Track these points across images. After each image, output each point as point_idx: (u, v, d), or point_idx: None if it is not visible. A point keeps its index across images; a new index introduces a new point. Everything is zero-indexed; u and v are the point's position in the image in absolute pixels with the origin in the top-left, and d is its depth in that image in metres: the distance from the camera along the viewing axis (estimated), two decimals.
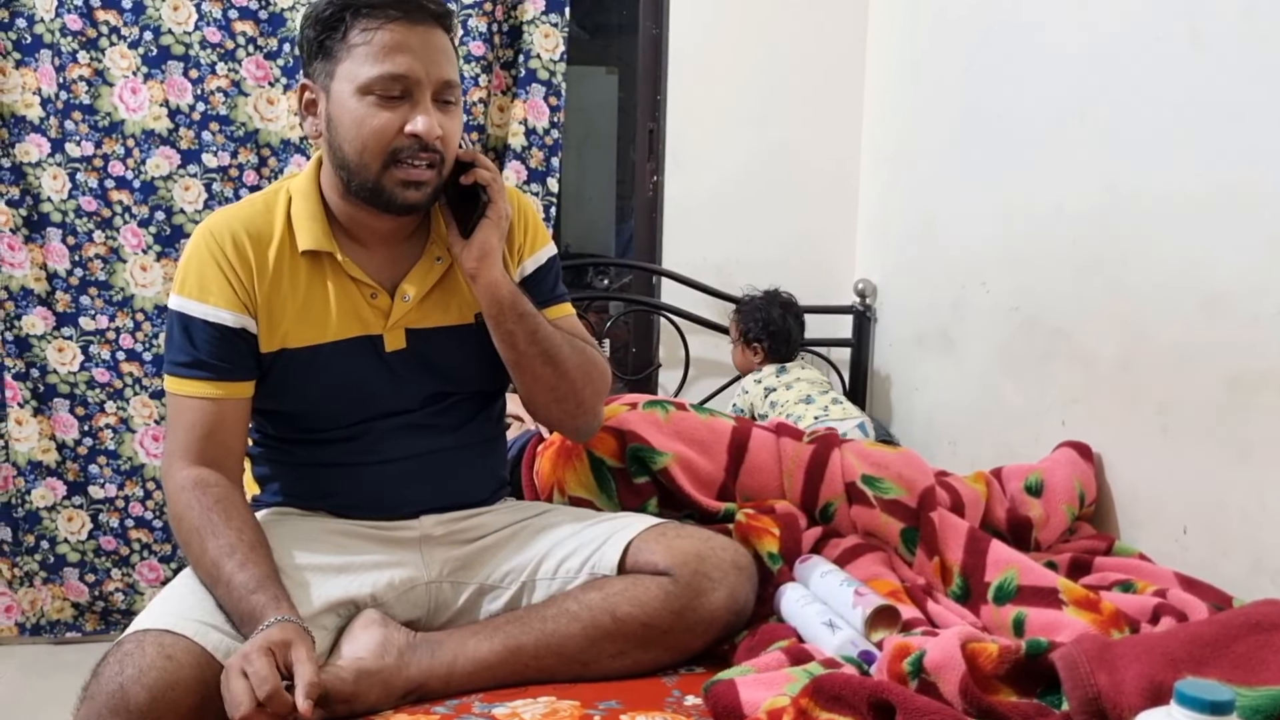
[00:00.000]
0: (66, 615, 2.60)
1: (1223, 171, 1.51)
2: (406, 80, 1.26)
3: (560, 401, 1.43)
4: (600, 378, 1.46)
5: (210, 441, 1.30)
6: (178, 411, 1.32)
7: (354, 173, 1.30)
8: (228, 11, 2.44)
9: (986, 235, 2.19)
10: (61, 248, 2.45)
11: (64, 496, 2.54)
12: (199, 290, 1.32)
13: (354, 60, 1.26)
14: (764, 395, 2.48)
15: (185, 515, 1.25)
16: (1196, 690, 0.75)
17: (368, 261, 1.37)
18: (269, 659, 1.06)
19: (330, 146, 1.31)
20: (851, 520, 1.62)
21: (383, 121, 1.26)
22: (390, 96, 1.26)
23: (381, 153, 1.27)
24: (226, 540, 1.21)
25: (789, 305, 2.61)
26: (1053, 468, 1.77)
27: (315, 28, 1.29)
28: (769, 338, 2.57)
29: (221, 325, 1.31)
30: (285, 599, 1.18)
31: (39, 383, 2.49)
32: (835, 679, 1.07)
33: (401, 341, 1.38)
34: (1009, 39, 2.11)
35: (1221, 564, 1.52)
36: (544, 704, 1.17)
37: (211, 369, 1.31)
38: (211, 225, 1.35)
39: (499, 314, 1.35)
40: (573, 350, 1.41)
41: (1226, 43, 1.51)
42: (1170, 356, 1.62)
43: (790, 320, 2.58)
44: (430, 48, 1.28)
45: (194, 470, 1.28)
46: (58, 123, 2.41)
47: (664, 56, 2.78)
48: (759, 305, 2.61)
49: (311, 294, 1.35)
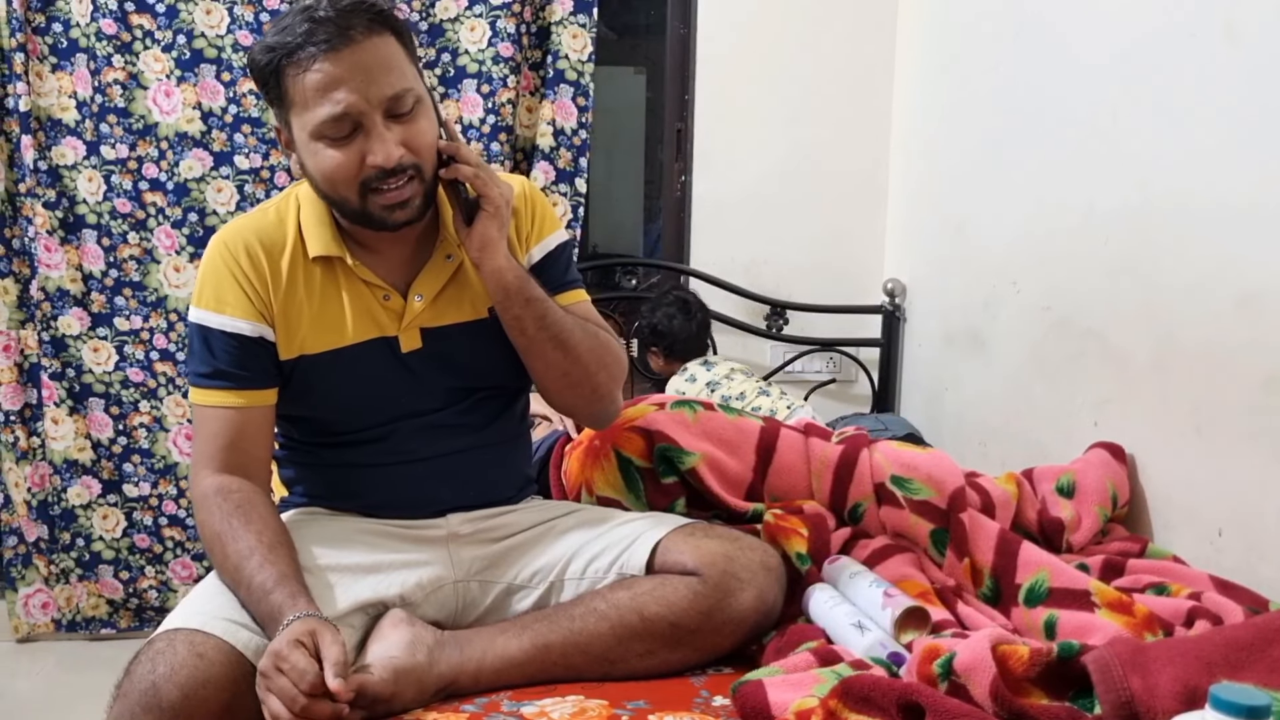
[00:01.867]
0: (101, 612, 2.64)
1: (1257, 170, 1.49)
2: (349, 116, 1.22)
3: (574, 387, 1.41)
4: (615, 362, 1.44)
5: (234, 449, 1.32)
6: (202, 421, 1.33)
7: (339, 206, 1.31)
8: (260, 15, 2.46)
9: (1017, 235, 2.17)
10: (97, 249, 2.49)
11: (99, 495, 2.57)
12: (216, 301, 1.33)
13: (297, 107, 1.24)
14: (709, 392, 2.46)
15: (208, 522, 1.27)
16: (1232, 694, 0.74)
17: (379, 264, 1.38)
18: (303, 651, 1.07)
19: (311, 183, 1.33)
20: (880, 521, 1.61)
21: (342, 162, 1.24)
22: (341, 136, 1.24)
23: (352, 187, 1.26)
24: (245, 543, 1.22)
25: (681, 304, 2.59)
26: (1085, 469, 1.75)
27: (256, 78, 1.29)
28: (657, 339, 2.58)
29: (240, 335, 1.32)
30: (304, 594, 1.18)
31: (75, 382, 2.52)
32: (864, 680, 1.07)
33: (417, 341, 1.38)
34: (1039, 37, 2.09)
35: (1257, 567, 1.50)
36: (572, 703, 1.18)
37: (233, 378, 1.32)
38: (225, 236, 1.36)
39: (505, 300, 1.34)
40: (585, 334, 1.39)
41: (1262, 38, 1.49)
42: (1204, 357, 1.60)
43: (680, 320, 2.56)
44: (364, 69, 1.22)
45: (218, 478, 1.30)
46: (93, 126, 2.44)
47: (692, 56, 2.78)
48: (646, 309, 2.61)
49: (326, 299, 1.36)
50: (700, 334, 2.62)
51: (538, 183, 2.54)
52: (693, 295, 2.64)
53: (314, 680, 1.04)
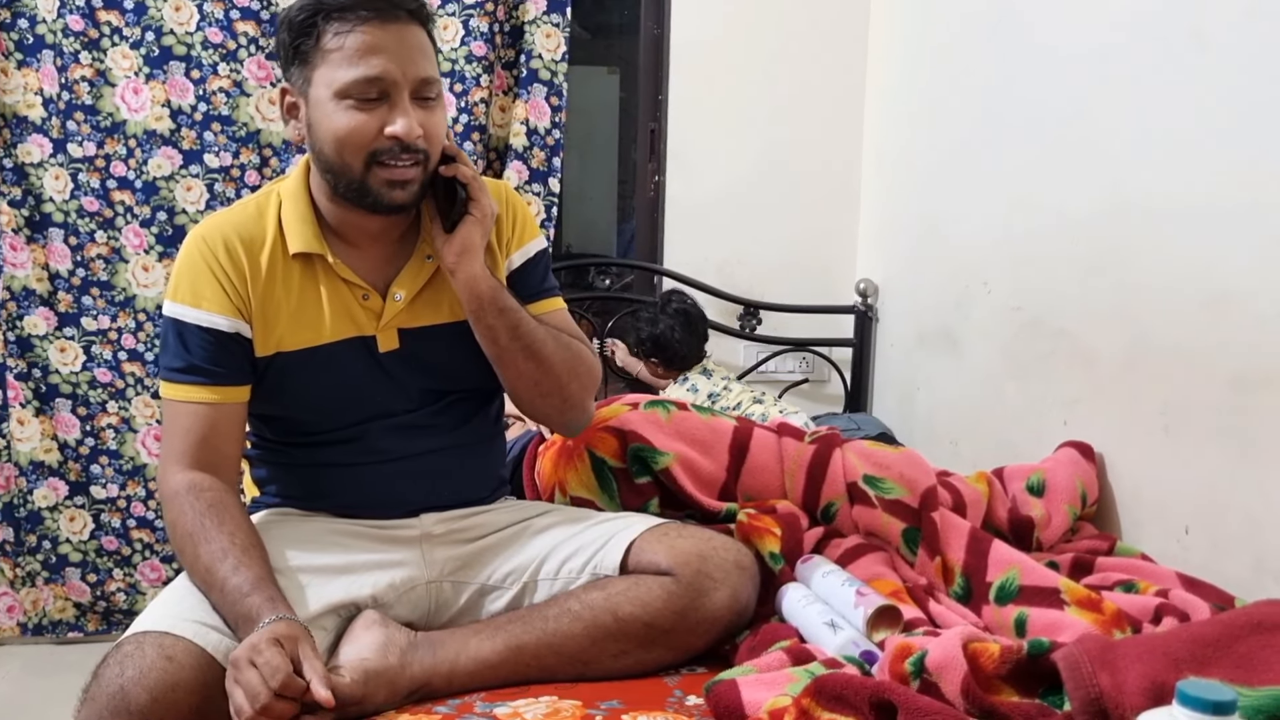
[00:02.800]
0: (69, 615, 2.60)
1: (1227, 172, 1.51)
2: (382, 82, 1.25)
3: (545, 396, 1.42)
4: (586, 373, 1.45)
5: (206, 446, 1.30)
6: (173, 417, 1.32)
7: (338, 175, 1.30)
8: (229, 12, 2.44)
9: (989, 235, 2.19)
10: (63, 248, 2.45)
11: (66, 496, 2.54)
12: (192, 296, 1.32)
13: (329, 65, 1.25)
14: (710, 403, 2.44)
15: (179, 521, 1.25)
16: (1199, 690, 0.75)
17: (359, 263, 1.37)
18: (279, 649, 1.06)
19: (313, 150, 1.32)
20: (853, 520, 1.62)
21: (361, 124, 1.25)
22: (367, 99, 1.25)
23: (362, 154, 1.27)
24: (219, 545, 1.21)
25: (683, 316, 2.55)
26: (1055, 468, 1.77)
27: (289, 32, 1.28)
28: (658, 351, 2.55)
29: (216, 330, 1.31)
30: (281, 599, 1.17)
31: (41, 383, 2.49)
32: (837, 679, 1.07)
33: (394, 342, 1.38)
34: (1012, 40, 2.11)
35: (1224, 564, 1.52)
36: (546, 704, 1.17)
37: (206, 374, 1.30)
38: (204, 231, 1.35)
39: (479, 309, 1.34)
40: (557, 345, 1.40)
41: (1230, 44, 1.51)
42: (1173, 357, 1.62)
43: (679, 331, 2.53)
44: (405, 46, 1.27)
45: (188, 475, 1.28)
46: (60, 123, 2.41)
47: (665, 56, 2.78)
48: (646, 318, 2.57)
49: (305, 297, 1.35)
50: (701, 344, 2.60)
51: (510, 182, 2.53)
52: (693, 304, 2.60)
53: (283, 679, 1.03)
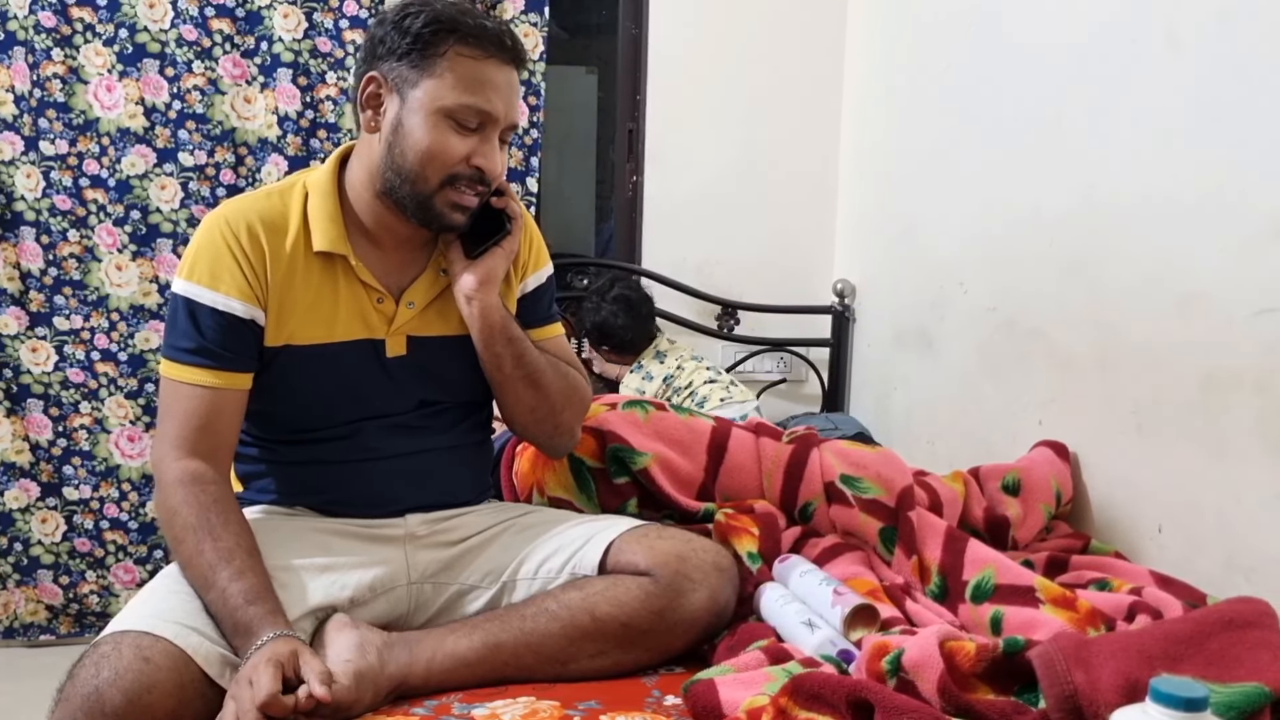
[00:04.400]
0: (40, 618, 2.58)
1: (1199, 173, 1.53)
2: (486, 115, 1.31)
3: (539, 422, 1.47)
4: (580, 402, 1.51)
5: (206, 432, 1.29)
6: (175, 398, 1.30)
7: (407, 181, 1.31)
8: (204, 9, 2.42)
9: (965, 236, 2.20)
10: (35, 247, 2.43)
11: (38, 498, 2.51)
12: (210, 277, 1.30)
13: (444, 81, 1.29)
14: (664, 387, 2.44)
15: (180, 511, 1.24)
16: (1171, 687, 0.76)
17: (377, 266, 1.38)
18: (275, 670, 1.06)
19: (389, 149, 1.32)
20: (830, 520, 1.62)
21: (453, 146, 1.30)
22: (466, 126, 1.30)
23: (442, 174, 1.31)
24: (225, 545, 1.20)
25: (624, 302, 2.50)
26: (1030, 467, 1.78)
27: (406, 34, 1.29)
28: (605, 338, 2.53)
29: (231, 314, 1.30)
30: (281, 613, 1.17)
31: (12, 383, 2.46)
32: (814, 678, 1.07)
33: (403, 348, 1.39)
34: (987, 41, 2.12)
35: (1196, 562, 1.53)
36: (523, 704, 1.17)
37: (215, 357, 1.29)
38: (226, 213, 1.34)
39: (489, 337, 1.38)
40: (556, 375, 1.45)
41: (1203, 45, 1.52)
42: (1146, 356, 1.63)
43: (622, 317, 2.49)
44: (511, 89, 1.34)
45: (189, 463, 1.27)
46: (31, 120, 2.38)
47: (644, 56, 2.78)
48: (589, 307, 2.54)
49: (321, 293, 1.35)
50: (648, 325, 2.57)
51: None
52: (635, 287, 2.57)
53: (266, 698, 1.03)
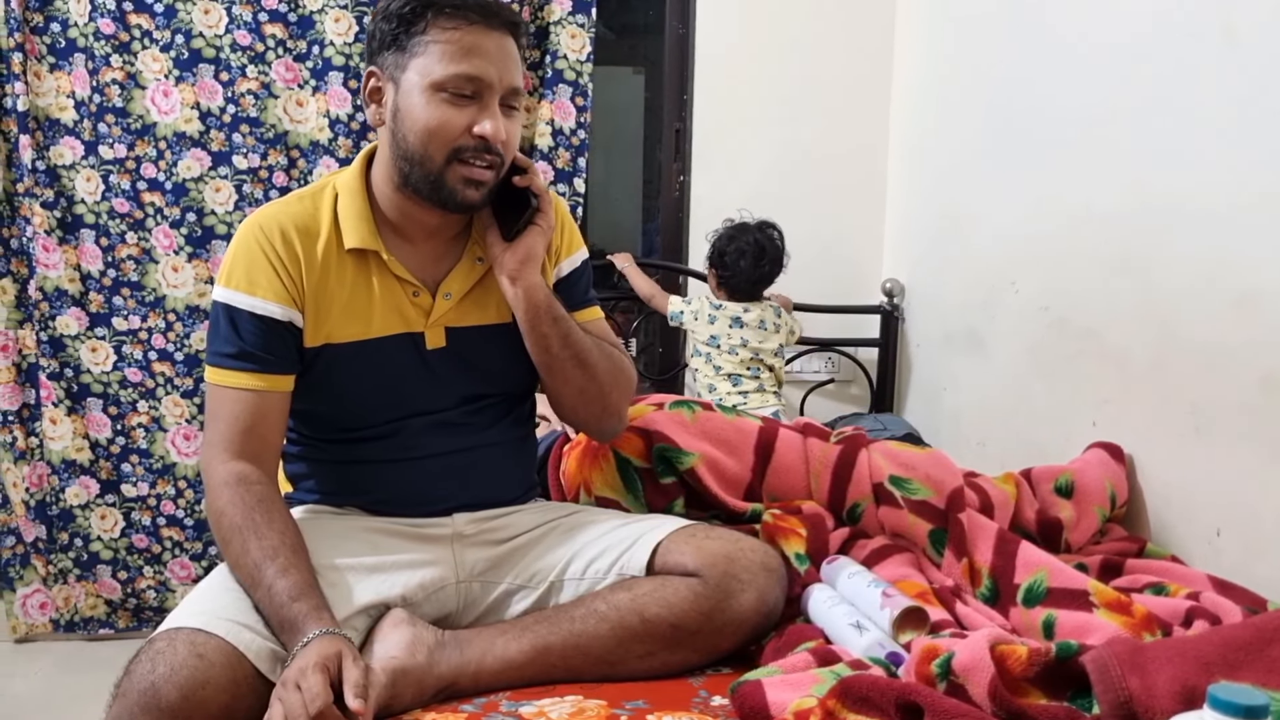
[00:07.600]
0: (100, 612, 2.63)
1: (1255, 170, 1.50)
2: (479, 82, 1.29)
3: (588, 404, 1.46)
4: (626, 381, 1.49)
5: (252, 435, 1.31)
6: (220, 403, 1.33)
7: (415, 164, 1.32)
8: (258, 15, 2.46)
9: (1015, 235, 2.18)
10: (95, 249, 2.48)
11: (97, 495, 2.57)
12: (247, 283, 1.33)
13: (430, 56, 1.29)
14: (708, 319, 2.48)
15: (227, 512, 1.26)
16: (1230, 694, 0.74)
17: (411, 259, 1.39)
18: (323, 676, 1.07)
19: (394, 136, 1.33)
20: (879, 521, 1.61)
21: (451, 119, 1.29)
22: (461, 95, 1.29)
23: (446, 148, 1.30)
24: (270, 543, 1.22)
25: (756, 245, 2.47)
26: (1084, 469, 1.75)
27: (391, 20, 1.31)
28: (720, 266, 2.51)
29: (269, 318, 1.32)
30: (326, 609, 1.18)
31: (73, 382, 2.52)
32: (863, 680, 1.07)
33: (442, 340, 1.40)
34: (1036, 37, 2.09)
35: (1255, 566, 1.50)
36: (570, 703, 1.18)
37: (257, 360, 1.32)
38: (260, 219, 1.36)
39: (535, 318, 1.38)
40: (602, 354, 1.44)
41: (1261, 39, 1.49)
42: (1202, 356, 1.60)
43: (746, 264, 2.47)
44: (504, 54, 1.32)
45: (236, 465, 1.29)
46: (91, 125, 2.44)
47: (690, 56, 2.78)
48: (724, 234, 2.52)
49: (356, 290, 1.36)
50: (759, 284, 2.53)
51: None
52: (771, 241, 2.50)
53: (322, 707, 1.04)
